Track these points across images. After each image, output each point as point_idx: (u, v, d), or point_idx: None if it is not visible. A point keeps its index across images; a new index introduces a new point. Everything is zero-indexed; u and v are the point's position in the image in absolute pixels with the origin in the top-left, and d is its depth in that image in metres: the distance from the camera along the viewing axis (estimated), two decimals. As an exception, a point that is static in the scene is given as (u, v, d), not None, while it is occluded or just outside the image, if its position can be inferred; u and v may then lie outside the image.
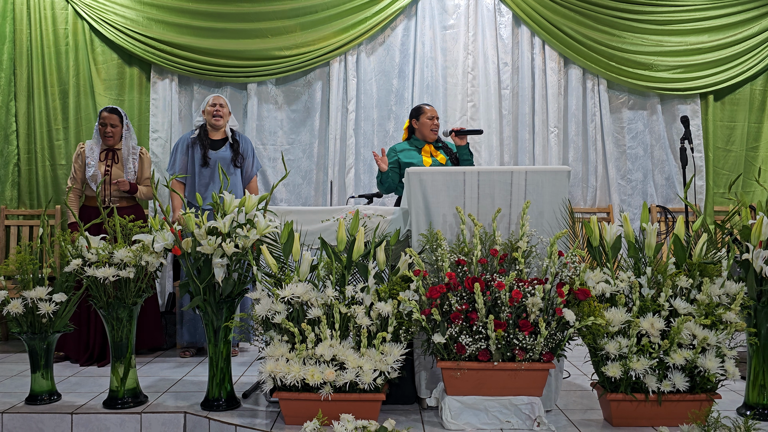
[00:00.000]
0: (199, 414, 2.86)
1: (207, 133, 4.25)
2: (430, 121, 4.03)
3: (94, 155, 4.17)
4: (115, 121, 4.17)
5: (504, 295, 2.60)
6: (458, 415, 2.66)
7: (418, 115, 4.08)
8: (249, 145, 4.34)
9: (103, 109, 4.21)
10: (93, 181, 4.12)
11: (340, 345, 2.65)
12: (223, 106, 4.24)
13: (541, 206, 2.91)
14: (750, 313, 2.79)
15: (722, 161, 5.33)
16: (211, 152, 4.19)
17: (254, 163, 4.34)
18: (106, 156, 4.19)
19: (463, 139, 4.01)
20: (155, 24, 5.02)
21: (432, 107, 4.10)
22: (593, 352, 2.69)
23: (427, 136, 4.05)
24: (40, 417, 2.88)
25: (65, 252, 3.02)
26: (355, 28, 5.09)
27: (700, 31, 5.29)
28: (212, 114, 4.20)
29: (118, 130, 4.18)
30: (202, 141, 4.21)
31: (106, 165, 4.17)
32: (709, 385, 2.60)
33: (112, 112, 4.19)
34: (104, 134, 4.15)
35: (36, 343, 3.03)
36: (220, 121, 4.21)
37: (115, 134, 4.17)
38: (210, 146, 4.21)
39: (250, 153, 4.31)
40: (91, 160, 4.15)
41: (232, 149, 4.23)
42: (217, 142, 4.25)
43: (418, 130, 4.07)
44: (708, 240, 2.79)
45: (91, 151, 4.18)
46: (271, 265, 2.83)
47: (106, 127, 4.15)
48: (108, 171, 4.15)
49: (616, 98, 5.34)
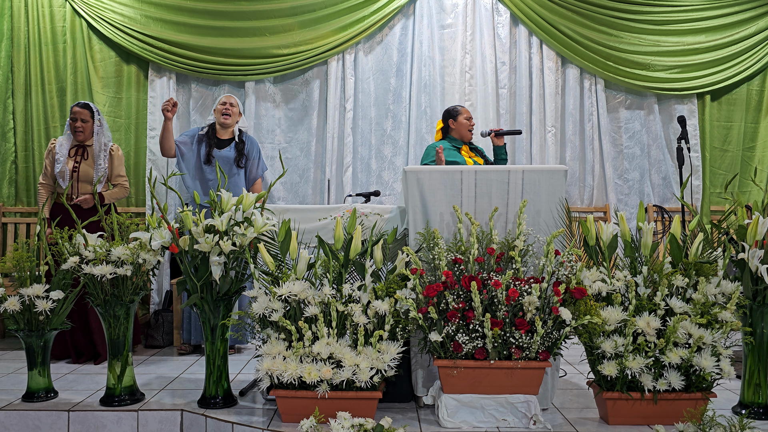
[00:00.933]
0: (196, 411, 2.87)
1: (215, 132, 4.26)
2: (468, 121, 4.12)
3: (63, 151, 4.12)
4: (86, 116, 4.12)
5: (501, 294, 2.61)
6: (455, 413, 2.67)
7: (455, 115, 4.14)
8: (255, 147, 4.34)
9: (75, 104, 4.18)
10: (60, 177, 4.09)
11: (337, 343, 2.66)
12: (233, 105, 4.25)
13: (538, 205, 2.92)
14: (745, 313, 2.81)
15: (719, 161, 5.34)
16: (215, 151, 4.19)
17: (259, 164, 4.34)
18: (76, 152, 4.15)
19: (500, 139, 4.12)
20: (153, 22, 5.02)
21: (466, 108, 4.19)
22: (589, 350, 2.70)
23: (464, 136, 4.12)
24: (37, 414, 2.88)
25: (63, 249, 3.02)
26: (353, 27, 5.09)
27: (697, 32, 5.30)
28: (221, 112, 4.21)
29: (89, 125, 4.13)
30: (209, 139, 4.22)
31: (75, 161, 4.12)
32: (704, 383, 2.61)
33: (84, 107, 4.14)
34: (74, 129, 4.11)
35: (33, 341, 3.03)
36: (228, 120, 4.21)
37: (86, 129, 4.12)
38: (216, 145, 4.21)
39: (255, 154, 4.31)
40: (60, 156, 4.10)
41: (237, 149, 4.23)
42: (223, 141, 4.25)
43: (456, 130, 4.13)
44: (704, 239, 2.80)
45: (60, 146, 4.14)
46: (269, 263, 2.83)
47: (76, 122, 4.10)
48: (76, 167, 4.11)
49: (614, 98, 5.35)
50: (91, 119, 4.15)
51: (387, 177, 5.15)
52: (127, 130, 5.03)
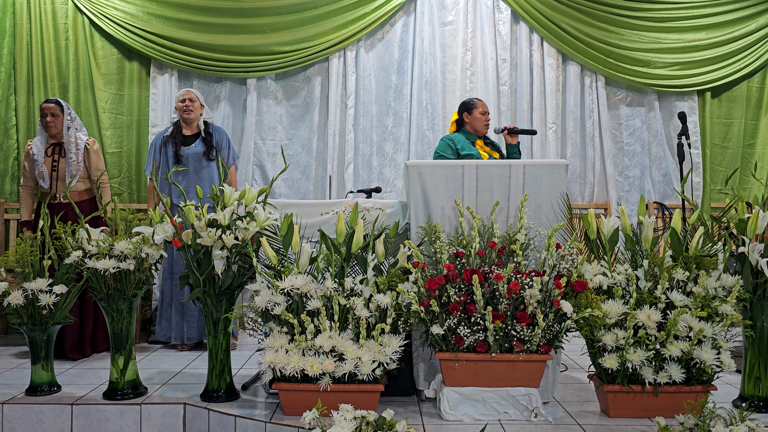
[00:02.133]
0: (199, 405, 2.88)
1: (180, 130, 4.22)
2: (483, 116, 4.06)
3: (40, 151, 4.08)
4: (55, 110, 4.06)
5: (502, 287, 2.62)
6: (456, 406, 2.68)
7: (470, 108, 4.08)
8: (224, 137, 4.28)
9: (45, 101, 4.13)
10: (41, 178, 4.05)
11: (339, 336, 2.67)
12: (193, 100, 4.18)
13: (539, 199, 2.93)
14: (746, 306, 2.82)
15: (719, 158, 5.35)
16: (183, 149, 4.15)
17: (230, 153, 4.28)
18: (53, 150, 4.11)
19: (514, 137, 4.06)
20: (155, 19, 5.03)
21: (483, 102, 4.11)
22: (590, 343, 2.71)
23: (479, 130, 4.07)
24: (41, 408, 2.89)
25: (66, 244, 3.03)
26: (354, 24, 5.11)
27: (697, 29, 5.31)
28: (182, 109, 4.16)
29: (59, 119, 4.06)
30: (175, 138, 4.19)
31: (53, 159, 4.09)
32: (705, 376, 2.63)
33: (52, 102, 4.08)
34: (45, 124, 4.06)
35: (36, 335, 3.05)
36: (191, 115, 4.16)
37: (56, 123, 4.05)
38: (182, 143, 4.18)
39: (225, 144, 4.26)
40: (37, 156, 4.07)
41: (205, 143, 4.19)
42: (189, 137, 4.21)
43: (470, 123, 4.08)
44: (704, 233, 2.81)
45: (36, 147, 4.10)
46: (271, 257, 2.84)
47: (45, 117, 4.05)
48: (55, 166, 4.08)
49: (614, 95, 5.36)
50: (61, 113, 4.08)
51: (388, 174, 5.16)
52: (129, 127, 5.05)
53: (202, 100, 4.27)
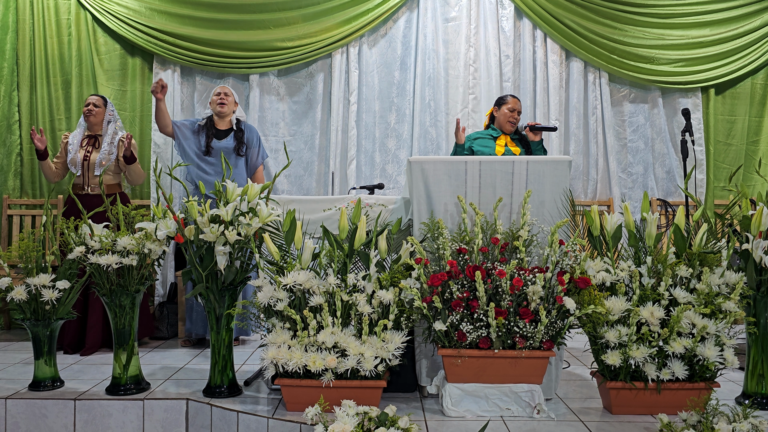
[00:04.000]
0: (201, 401, 2.88)
1: (213, 124, 4.28)
2: (510, 113, 4.09)
3: (76, 141, 4.20)
4: (99, 102, 4.21)
5: (505, 284, 2.62)
6: (459, 402, 2.68)
7: (500, 104, 4.14)
8: (254, 135, 4.36)
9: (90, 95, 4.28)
10: (72, 165, 4.14)
11: (341, 332, 2.67)
12: (228, 95, 4.27)
13: (542, 196, 2.93)
14: (749, 303, 2.81)
15: (723, 155, 5.33)
16: (215, 141, 4.21)
17: (260, 152, 4.36)
18: (87, 142, 4.21)
19: (537, 134, 4.06)
20: (158, 14, 5.02)
21: (516, 99, 4.14)
22: (593, 340, 2.71)
23: (503, 126, 4.12)
24: (44, 403, 2.90)
25: (69, 239, 3.04)
26: (357, 20, 5.10)
27: (701, 25, 5.29)
28: (217, 102, 4.24)
29: (101, 111, 4.20)
30: (208, 130, 4.24)
31: (87, 150, 4.18)
32: (708, 373, 2.62)
33: (97, 96, 4.25)
34: (87, 113, 4.17)
35: (39, 330, 3.05)
36: (224, 108, 4.23)
37: (98, 114, 4.19)
38: (215, 136, 4.23)
39: (255, 142, 4.33)
40: (73, 146, 4.18)
41: (236, 138, 4.26)
42: (221, 132, 4.27)
43: (497, 119, 4.14)
44: (708, 230, 2.80)
45: (73, 137, 4.22)
46: (274, 253, 2.84)
47: (88, 106, 4.17)
48: (88, 156, 4.16)
49: (618, 91, 5.34)
50: (104, 107, 4.23)
51: (391, 170, 5.16)
52: (132, 122, 5.05)
53: (236, 97, 4.36)
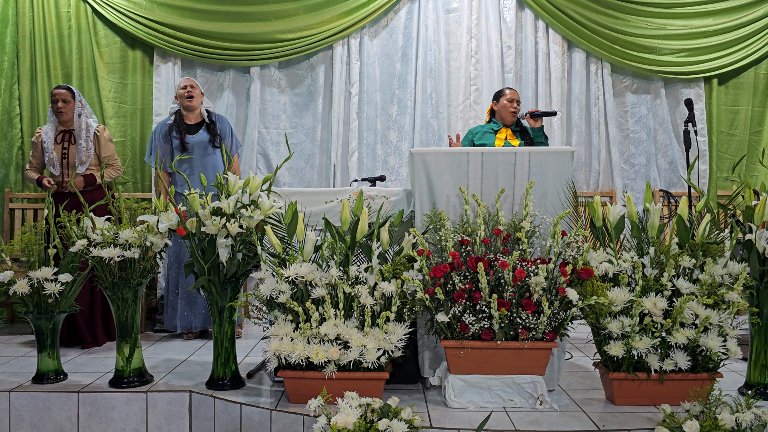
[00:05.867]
0: (204, 393, 2.89)
1: (183, 119, 4.24)
2: (509, 103, 4.12)
3: (49, 138, 4.09)
4: (66, 96, 4.07)
5: (507, 275, 2.62)
6: (461, 393, 2.68)
7: (498, 97, 4.19)
8: (226, 125, 4.32)
9: (55, 87, 4.16)
10: (51, 165, 4.07)
11: (344, 324, 2.67)
12: (194, 87, 4.21)
13: (544, 187, 2.92)
14: (752, 293, 2.80)
15: (725, 145, 5.31)
16: (188, 137, 4.18)
17: (233, 142, 4.32)
18: (62, 138, 4.11)
19: (537, 120, 4.10)
20: (158, 7, 5.01)
21: (514, 90, 4.19)
22: (596, 331, 2.70)
23: (505, 118, 4.14)
24: (47, 396, 2.91)
25: (70, 233, 3.04)
26: (358, 12, 5.07)
27: (704, 15, 5.26)
28: (184, 96, 4.18)
29: (70, 106, 4.07)
30: (179, 127, 4.20)
31: (63, 147, 4.10)
32: (711, 364, 2.61)
33: (63, 89, 4.09)
34: (56, 110, 4.06)
35: (42, 323, 3.06)
36: (192, 102, 4.18)
37: (68, 110, 4.06)
38: (186, 131, 4.20)
39: (228, 132, 4.30)
40: (47, 143, 4.08)
41: (209, 131, 4.22)
42: (192, 126, 4.24)
43: (498, 112, 4.18)
44: (711, 221, 2.79)
45: (46, 134, 4.11)
46: (276, 245, 2.84)
47: (57, 103, 4.05)
48: (65, 153, 4.09)
49: (620, 82, 5.32)
50: (72, 100, 4.09)
51: (392, 162, 5.15)
52: (133, 115, 5.04)
53: (202, 88, 4.30)
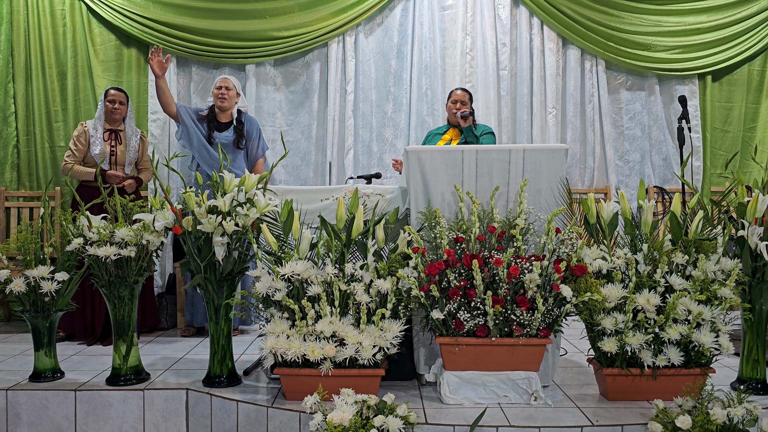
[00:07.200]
0: (201, 390, 2.90)
1: (215, 116, 4.29)
2: (453, 105, 4.33)
3: (98, 134, 4.20)
4: (123, 99, 4.25)
5: (502, 272, 2.63)
6: (456, 389, 2.70)
7: (447, 99, 4.39)
8: (255, 127, 4.36)
9: (111, 88, 4.27)
10: (100, 159, 4.15)
11: (339, 321, 2.68)
12: (229, 89, 4.25)
13: (538, 184, 2.93)
14: (745, 289, 2.83)
15: (719, 142, 5.34)
16: (215, 134, 4.22)
17: (260, 144, 4.37)
18: (110, 136, 4.23)
19: (465, 120, 4.18)
20: (153, 4, 5.00)
21: (462, 92, 4.35)
22: (590, 327, 2.72)
23: (450, 119, 4.38)
24: (44, 394, 2.92)
25: (67, 231, 3.04)
26: (353, 9, 5.08)
27: (698, 11, 5.27)
28: (217, 96, 4.24)
29: (125, 109, 4.25)
30: (210, 122, 4.25)
31: (111, 144, 4.22)
32: (703, 359, 2.64)
33: (121, 91, 4.27)
34: (112, 111, 4.19)
35: (38, 322, 3.06)
36: (224, 103, 4.24)
37: (123, 112, 4.24)
38: (216, 128, 4.25)
39: (255, 134, 4.34)
40: (96, 139, 4.18)
41: (236, 131, 4.26)
42: (222, 124, 4.28)
43: (447, 112, 4.39)
44: (704, 217, 2.81)
45: (94, 130, 4.20)
46: (271, 243, 2.85)
47: (114, 104, 4.19)
48: (113, 151, 4.21)
49: (615, 79, 5.34)
50: (127, 102, 4.27)
51: (388, 159, 5.16)
52: (128, 113, 5.03)
53: (239, 88, 4.35)
